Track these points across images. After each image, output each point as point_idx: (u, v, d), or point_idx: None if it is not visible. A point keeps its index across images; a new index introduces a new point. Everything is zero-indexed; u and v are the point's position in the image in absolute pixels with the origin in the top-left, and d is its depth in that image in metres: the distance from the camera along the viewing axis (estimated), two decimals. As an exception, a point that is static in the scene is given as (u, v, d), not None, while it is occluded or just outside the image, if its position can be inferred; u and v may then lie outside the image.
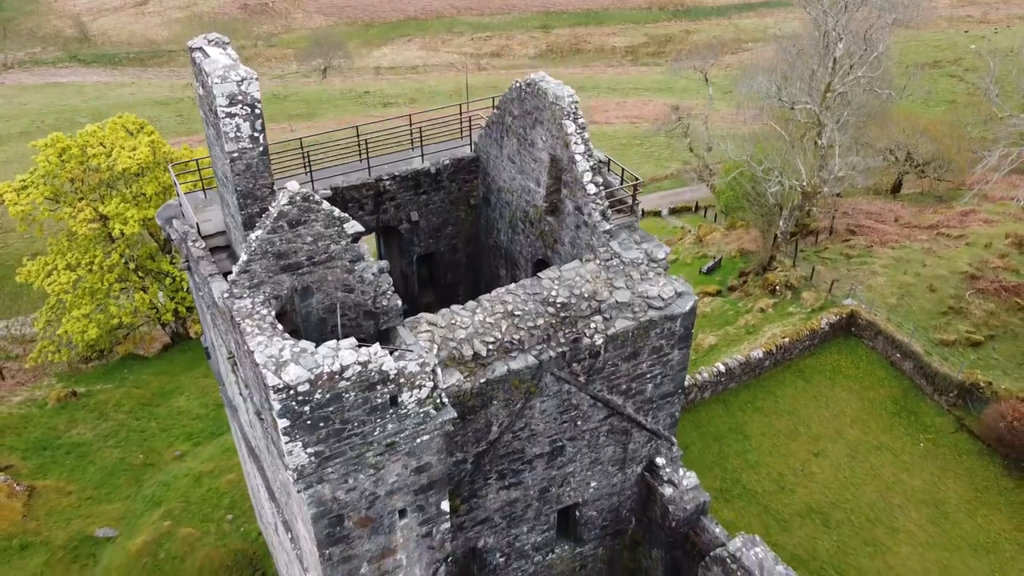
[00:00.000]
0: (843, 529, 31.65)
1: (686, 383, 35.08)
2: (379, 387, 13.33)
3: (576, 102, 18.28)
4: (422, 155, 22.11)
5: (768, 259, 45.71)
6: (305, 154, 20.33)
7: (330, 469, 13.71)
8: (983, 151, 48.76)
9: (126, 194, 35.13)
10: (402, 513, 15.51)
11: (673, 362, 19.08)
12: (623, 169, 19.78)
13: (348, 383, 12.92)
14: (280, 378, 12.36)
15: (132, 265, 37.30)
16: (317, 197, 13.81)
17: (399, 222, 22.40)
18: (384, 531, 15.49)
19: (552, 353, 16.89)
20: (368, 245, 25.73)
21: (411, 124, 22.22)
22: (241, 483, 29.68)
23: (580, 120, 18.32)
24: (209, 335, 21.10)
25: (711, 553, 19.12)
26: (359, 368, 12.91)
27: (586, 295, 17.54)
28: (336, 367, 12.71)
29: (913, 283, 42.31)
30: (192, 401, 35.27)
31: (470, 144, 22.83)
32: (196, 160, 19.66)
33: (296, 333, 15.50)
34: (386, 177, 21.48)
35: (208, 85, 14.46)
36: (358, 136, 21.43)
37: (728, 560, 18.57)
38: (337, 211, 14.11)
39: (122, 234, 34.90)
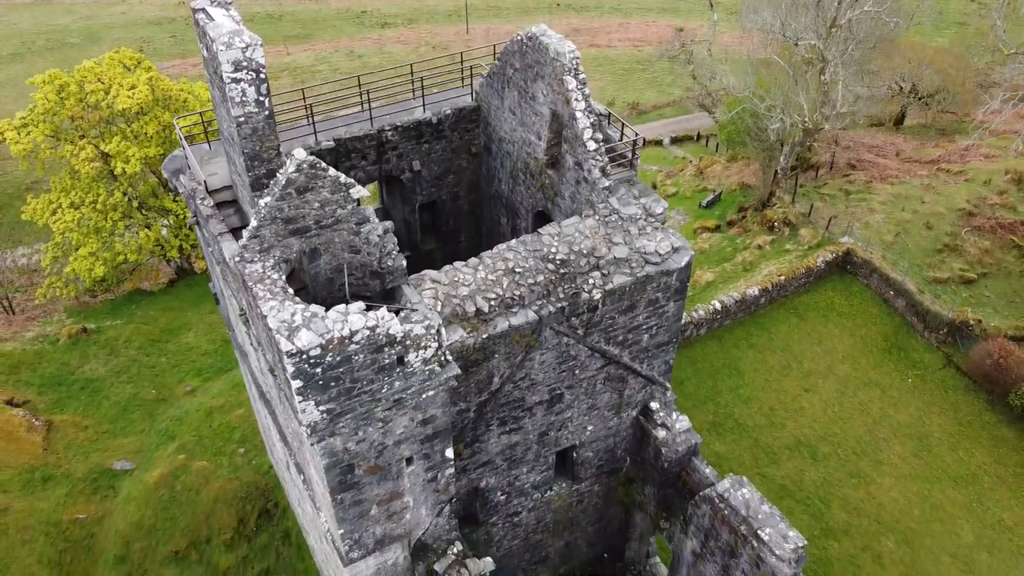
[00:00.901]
0: (830, 462, 32.97)
1: (682, 321, 35.93)
2: (387, 349, 13.99)
3: (577, 58, 18.35)
4: (423, 105, 22.21)
5: (767, 195, 45.90)
6: (308, 106, 20.46)
7: (341, 424, 14.51)
8: (986, 94, 48.29)
9: (127, 132, 35.13)
10: (409, 461, 16.43)
11: (668, 313, 19.73)
12: (623, 123, 19.97)
13: (357, 346, 13.57)
14: (293, 343, 13.00)
15: (135, 203, 37.56)
16: (323, 164, 14.16)
17: (401, 171, 22.68)
18: (392, 477, 16.43)
19: (552, 308, 17.51)
20: (371, 190, 26.05)
21: (412, 73, 22.24)
22: (251, 418, 30.80)
23: (581, 76, 18.42)
24: (218, 284, 21.67)
25: (701, 493, 20.21)
26: (367, 332, 13.54)
27: (585, 251, 18.05)
28: (346, 332, 13.34)
29: (910, 220, 42.65)
30: (200, 337, 36.15)
31: (471, 93, 22.88)
32: (201, 113, 19.80)
33: (305, 291, 16.10)
34: (388, 128, 21.65)
35: (213, 51, 14.61)
36: (359, 86, 21.51)
37: (716, 500, 19.65)
38: (343, 177, 14.48)
39: (124, 172, 35.04)
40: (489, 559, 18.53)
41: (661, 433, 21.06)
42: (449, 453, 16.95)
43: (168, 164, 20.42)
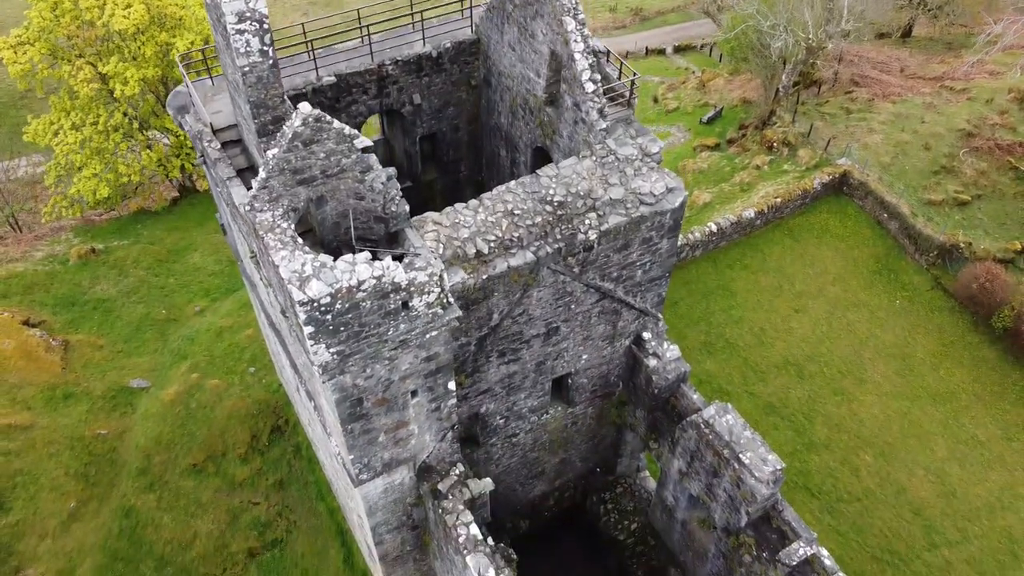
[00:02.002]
0: (815, 380, 34.40)
1: (679, 243, 36.69)
2: (392, 295, 14.84)
3: (577, -2, 18.42)
4: (423, 38, 22.26)
5: (768, 113, 45.77)
6: (309, 43, 20.58)
7: (351, 363, 15.52)
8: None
9: (125, 52, 34.81)
10: (414, 393, 17.54)
11: (662, 250, 20.48)
12: (621, 62, 20.15)
13: (365, 294, 14.41)
14: (304, 293, 13.83)
15: (136, 124, 37.56)
16: (328, 117, 14.59)
17: (402, 105, 22.94)
18: (398, 408, 17.59)
19: (549, 249, 18.24)
20: (373, 121, 26.27)
21: (412, 4, 22.21)
22: (259, 338, 31.99)
23: (580, 17, 18.52)
24: (226, 217, 22.30)
25: (688, 418, 21.48)
26: (374, 281, 14.35)
27: (582, 193, 18.63)
28: (354, 281, 14.15)
29: (909, 141, 42.74)
30: (207, 258, 36.95)
31: (471, 24, 22.87)
32: (203, 50, 19.94)
33: (312, 233, 16.81)
34: (388, 62, 21.79)
35: (217, 3, 14.80)
36: (359, 19, 21.55)
37: (702, 425, 20.93)
38: (347, 128, 14.92)
39: (123, 94, 34.93)
40: (488, 480, 19.95)
41: (652, 362, 22.17)
42: (451, 386, 18.05)
43: (172, 101, 20.69)
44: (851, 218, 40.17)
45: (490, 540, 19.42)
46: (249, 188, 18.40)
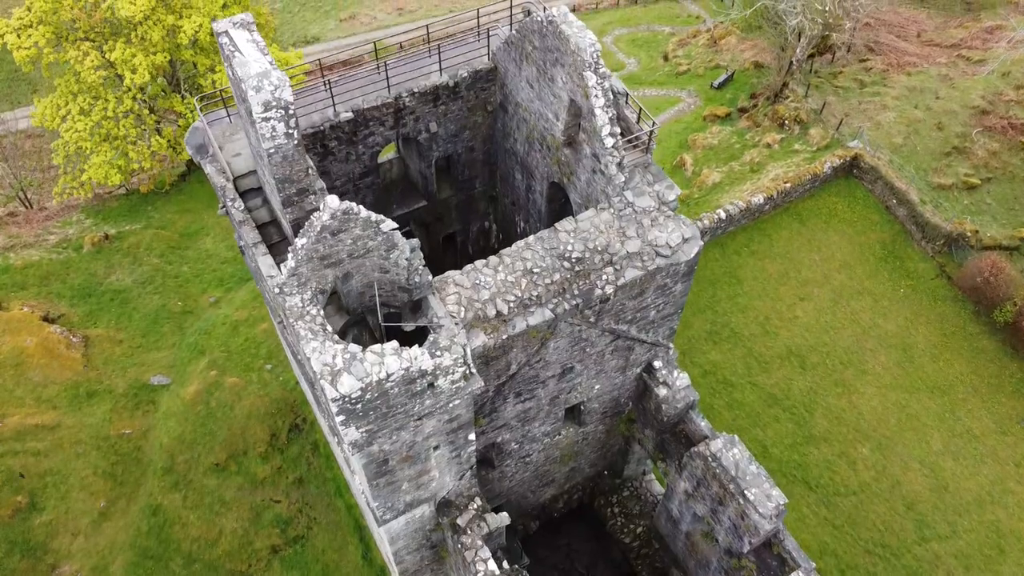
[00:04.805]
0: (817, 371, 35.22)
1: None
2: (419, 380, 15.38)
3: (598, 51, 18.23)
4: (440, 68, 22.04)
5: (781, 86, 45.12)
6: (327, 82, 20.46)
7: (379, 436, 16.19)
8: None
9: (132, 36, 34.06)
10: (436, 447, 18.29)
11: (676, 293, 20.87)
12: (640, 108, 20.07)
13: (393, 383, 14.95)
14: (337, 390, 14.37)
15: (145, 109, 37.09)
16: (356, 208, 14.80)
17: (418, 133, 22.89)
18: (421, 461, 18.37)
19: (567, 306, 18.64)
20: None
21: (428, 33, 21.92)
22: (274, 332, 32.62)
23: (602, 70, 18.40)
24: (246, 239, 22.54)
25: (695, 448, 22.31)
26: (403, 372, 14.87)
27: (599, 248, 18.91)
28: (383, 374, 14.67)
29: (922, 119, 42.34)
30: (219, 243, 37.19)
31: (487, 51, 22.59)
32: (220, 91, 19.84)
33: (336, 296, 17.22)
34: (405, 94, 21.65)
35: (242, 89, 14.80)
36: (376, 51, 21.34)
37: (709, 458, 21.79)
38: (373, 216, 15.16)
39: (132, 83, 34.38)
40: (505, 514, 20.93)
41: (662, 391, 22.85)
42: (471, 437, 18.79)
43: (190, 139, 20.67)
44: (859, 202, 40.22)
45: (505, 565, 20.59)
46: (272, 243, 18.78)
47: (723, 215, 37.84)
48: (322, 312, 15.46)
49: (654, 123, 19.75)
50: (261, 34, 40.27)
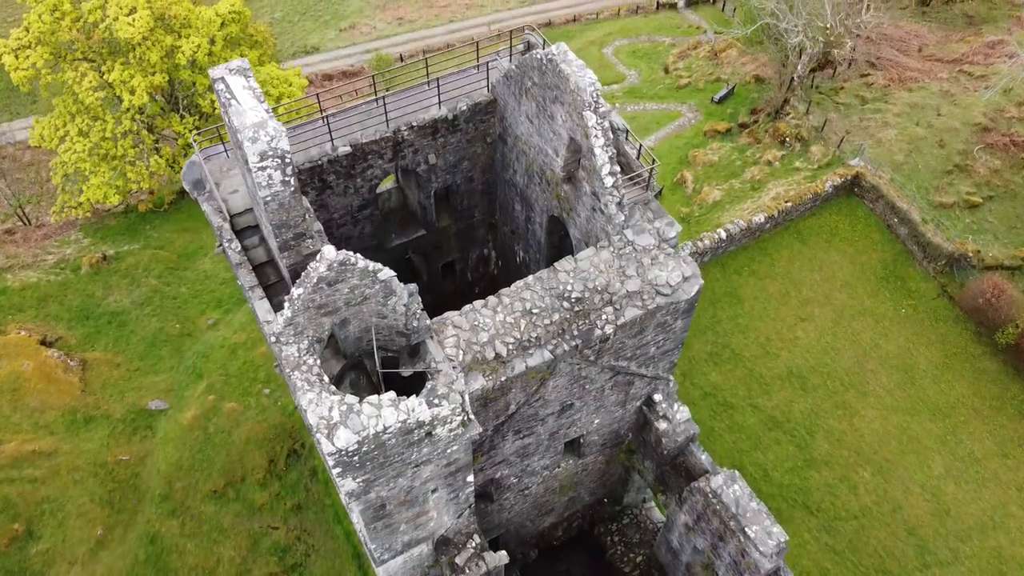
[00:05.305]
0: (818, 393, 35.06)
1: (688, 251, 36.74)
2: (416, 430, 15.24)
3: (598, 90, 18.08)
4: (439, 101, 21.88)
5: (782, 102, 44.96)
6: (324, 117, 20.31)
7: (376, 484, 16.05)
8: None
9: (130, 57, 33.86)
10: (434, 490, 18.15)
11: (676, 329, 20.71)
12: (640, 144, 19.93)
13: (390, 435, 14.80)
14: (333, 444, 14.23)
15: (144, 129, 36.88)
16: (353, 259, 14.65)
17: (417, 165, 22.74)
18: (419, 503, 18.23)
19: (566, 347, 18.48)
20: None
21: (427, 66, 21.77)
22: (272, 357, 32.46)
23: (602, 110, 18.24)
24: (242, 282, 22.40)
25: (695, 484, 22.16)
26: (399, 424, 14.72)
27: (599, 288, 18.76)
28: (380, 427, 14.53)
29: (924, 136, 42.18)
30: (217, 264, 37.02)
31: (487, 81, 22.43)
32: (217, 127, 19.68)
33: (333, 339, 17.06)
34: (404, 127, 21.50)
35: (238, 138, 14.66)
36: (374, 84, 21.20)
37: (710, 495, 21.64)
38: (371, 265, 15.00)
39: (131, 105, 34.21)
40: (504, 552, 20.79)
41: (663, 425, 22.71)
42: (470, 478, 18.65)
43: (187, 174, 20.52)
44: (861, 221, 40.05)
45: (504, 603, 20.45)
46: (269, 284, 18.64)
47: (724, 235, 37.69)
48: (319, 362, 15.31)
49: (654, 161, 19.59)
50: (260, 51, 40.19)
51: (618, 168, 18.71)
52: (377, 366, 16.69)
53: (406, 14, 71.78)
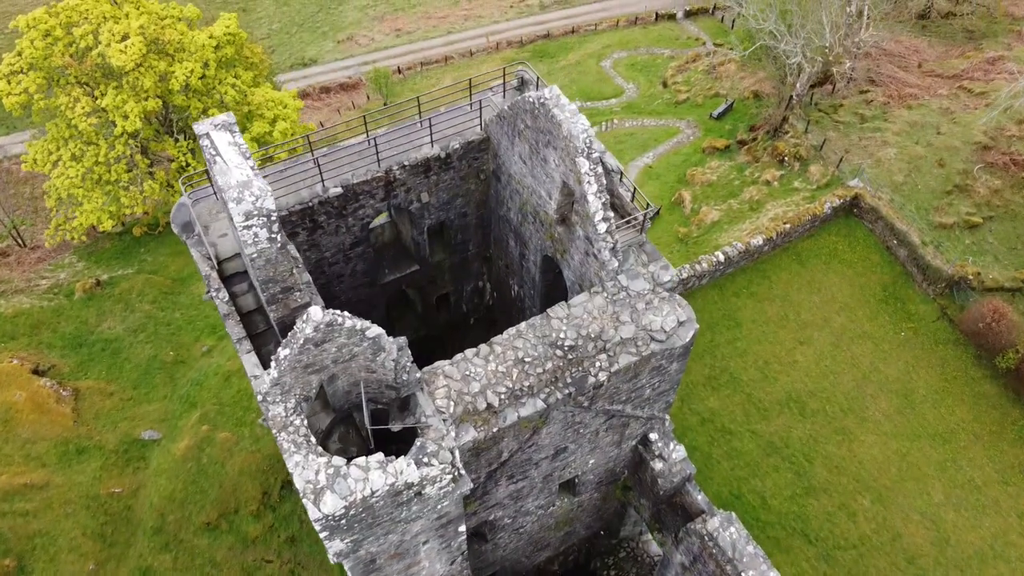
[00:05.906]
0: (817, 418, 34.77)
1: (686, 274, 36.52)
2: (405, 492, 14.99)
3: (591, 136, 17.85)
4: (431, 140, 21.65)
5: (780, 121, 44.69)
6: (316, 160, 20.08)
7: (365, 543, 15.80)
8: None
9: (123, 83, 33.62)
10: (425, 542, 17.90)
11: (672, 372, 20.46)
12: (635, 188, 19.68)
13: (378, 499, 14.55)
14: (319, 510, 13.99)
15: (138, 152, 36.63)
16: (339, 319, 14.41)
17: (410, 203, 22.51)
18: (410, 556, 17.99)
19: (559, 395, 18.22)
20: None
21: (419, 105, 21.53)
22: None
23: (594, 155, 17.99)
24: (231, 334, 22.17)
25: (691, 526, 21.92)
26: (388, 487, 14.47)
27: (593, 335, 18.51)
28: (367, 492, 14.28)
29: (923, 156, 41.88)
30: (211, 288, 36.69)
31: (480, 119, 22.19)
32: (206, 171, 19.43)
33: (323, 392, 16.82)
34: (396, 167, 21.28)
35: (223, 197, 14.42)
36: (366, 124, 20.97)
37: (706, 537, 21.40)
38: (359, 323, 14.76)
39: (124, 131, 33.97)
40: (497, 599, 20.55)
41: (658, 465, 22.47)
42: (461, 529, 18.39)
43: (176, 216, 20.27)
44: (860, 242, 39.77)
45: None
46: (258, 332, 18.39)
47: (721, 257, 37.42)
48: (306, 422, 15.07)
49: (648, 206, 19.33)
50: (255, 72, 39.92)
51: (611, 214, 18.46)
52: (367, 420, 16.45)
53: (404, 26, 71.54)
